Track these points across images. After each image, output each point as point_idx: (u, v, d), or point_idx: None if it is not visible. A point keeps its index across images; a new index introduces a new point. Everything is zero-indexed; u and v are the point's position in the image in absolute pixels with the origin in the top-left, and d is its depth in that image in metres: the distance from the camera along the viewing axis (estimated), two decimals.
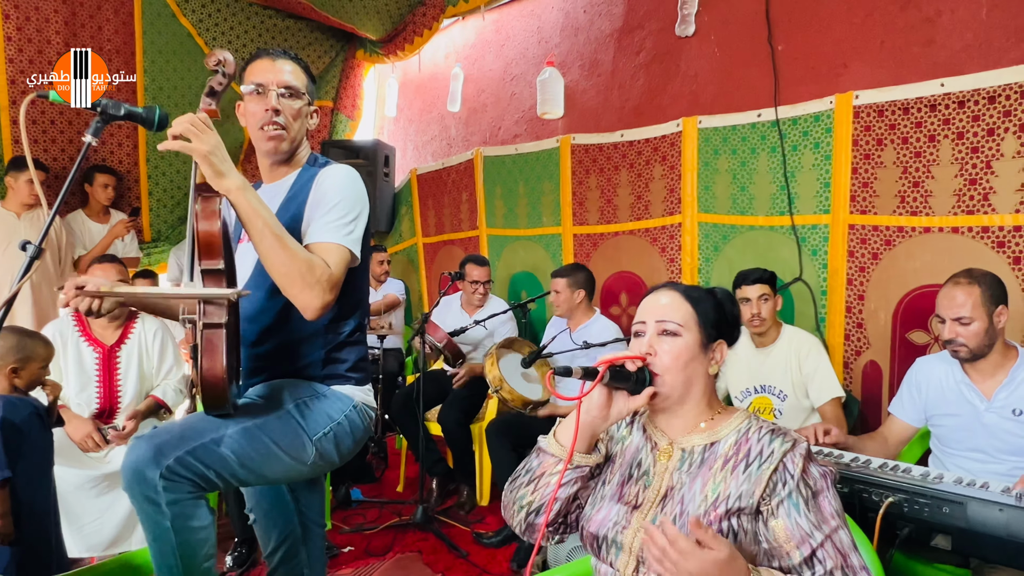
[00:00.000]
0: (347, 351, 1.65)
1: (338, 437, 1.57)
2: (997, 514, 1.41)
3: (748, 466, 1.15)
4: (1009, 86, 2.42)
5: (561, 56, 4.28)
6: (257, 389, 1.58)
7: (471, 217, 4.77)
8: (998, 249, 2.48)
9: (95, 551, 2.42)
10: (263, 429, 1.44)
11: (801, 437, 1.17)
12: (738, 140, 3.26)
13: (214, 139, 1.34)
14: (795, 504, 1.10)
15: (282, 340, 1.59)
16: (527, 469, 1.27)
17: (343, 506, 3.45)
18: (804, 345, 2.58)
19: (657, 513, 1.17)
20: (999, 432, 1.96)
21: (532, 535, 1.27)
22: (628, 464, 1.28)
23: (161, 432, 1.37)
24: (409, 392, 3.52)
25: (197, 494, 1.36)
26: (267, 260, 1.38)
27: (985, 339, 1.94)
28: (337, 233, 1.49)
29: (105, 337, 2.78)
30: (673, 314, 1.24)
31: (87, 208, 4.15)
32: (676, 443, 1.24)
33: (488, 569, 2.77)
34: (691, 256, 3.47)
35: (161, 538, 1.35)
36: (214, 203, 1.34)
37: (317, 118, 1.68)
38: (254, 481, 1.52)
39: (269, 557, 1.75)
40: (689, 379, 1.22)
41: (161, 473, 1.29)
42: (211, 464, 1.35)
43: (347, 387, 1.63)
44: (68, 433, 2.56)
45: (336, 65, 5.54)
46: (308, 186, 1.58)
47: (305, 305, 1.41)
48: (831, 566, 1.07)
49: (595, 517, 1.23)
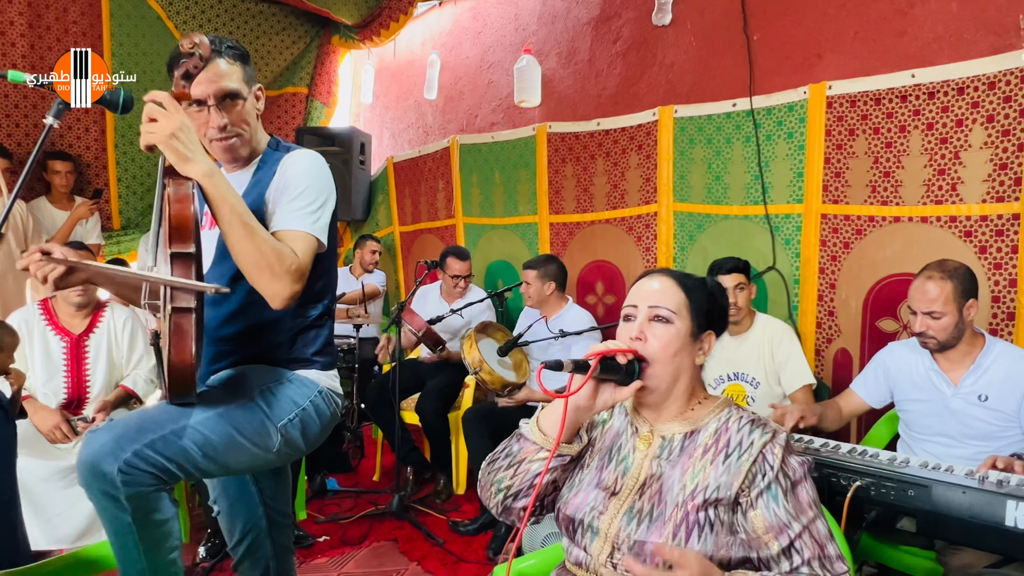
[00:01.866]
0: (313, 335, 1.62)
1: (304, 423, 1.54)
2: (960, 496, 1.44)
3: (728, 456, 1.15)
4: (977, 78, 2.46)
5: (538, 44, 4.26)
6: (220, 376, 1.55)
7: (448, 206, 4.74)
8: (965, 238, 2.52)
9: (63, 543, 2.38)
10: (226, 418, 1.41)
11: (781, 428, 1.18)
12: (713, 129, 3.27)
13: (178, 121, 1.28)
14: (774, 495, 1.11)
15: (246, 325, 1.56)
16: (507, 453, 1.26)
17: (318, 496, 3.44)
18: (777, 333, 2.61)
19: (635, 501, 1.17)
20: (965, 418, 2.01)
21: (508, 517, 1.27)
22: (608, 449, 1.28)
23: (118, 425, 1.32)
24: (384, 381, 3.51)
25: (158, 487, 1.31)
26: (235, 248, 1.35)
27: (954, 332, 1.98)
28: (304, 221, 1.46)
29: (73, 326, 2.73)
30: (667, 300, 1.22)
31: (50, 195, 4.05)
32: (656, 430, 1.24)
33: (464, 557, 2.77)
34: (666, 245, 3.49)
35: (122, 533, 1.31)
36: (186, 186, 1.30)
37: (263, 98, 1.62)
38: (218, 472, 1.48)
39: (234, 549, 1.73)
40: (677, 370, 1.21)
41: (119, 467, 1.25)
42: (172, 456, 1.31)
43: (312, 372, 1.60)
44: (35, 424, 2.51)
45: (311, 51, 5.45)
46: (272, 170, 1.54)
47: (273, 295, 1.38)
48: (808, 556, 1.09)
49: (572, 500, 1.23)
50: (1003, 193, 2.42)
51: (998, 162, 2.43)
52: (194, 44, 1.35)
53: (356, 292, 4.29)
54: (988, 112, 2.45)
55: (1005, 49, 2.41)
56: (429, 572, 2.67)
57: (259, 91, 1.61)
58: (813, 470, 1.18)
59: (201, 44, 1.35)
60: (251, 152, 1.60)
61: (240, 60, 1.55)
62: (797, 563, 1.09)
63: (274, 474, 1.74)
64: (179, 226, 1.28)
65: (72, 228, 3.97)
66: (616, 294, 3.82)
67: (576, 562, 1.21)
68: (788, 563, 1.09)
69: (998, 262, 2.45)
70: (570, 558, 1.24)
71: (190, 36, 1.35)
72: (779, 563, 1.09)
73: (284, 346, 1.58)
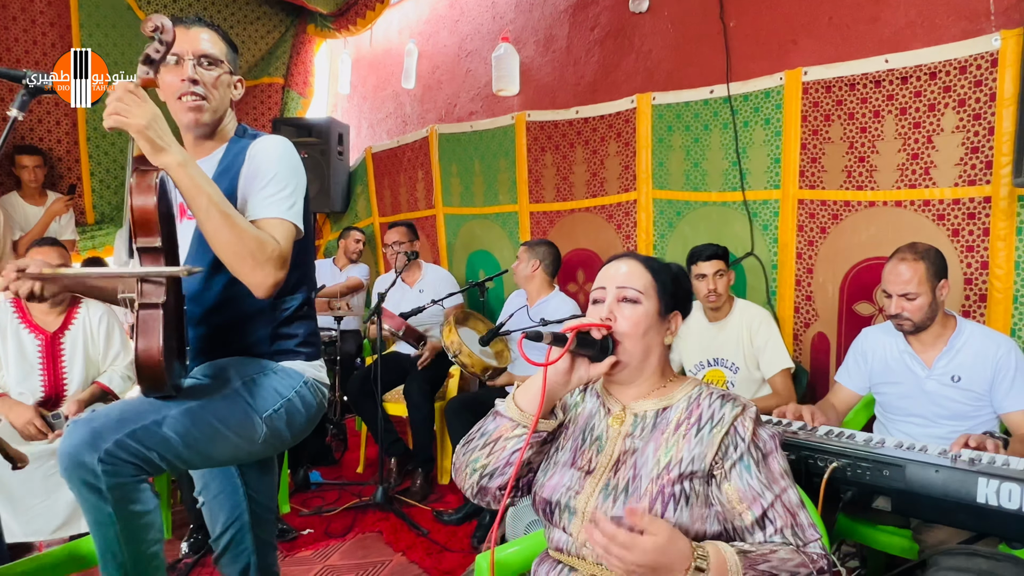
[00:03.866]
0: (295, 326, 1.61)
1: (289, 414, 1.54)
2: (933, 475, 1.47)
3: (700, 430, 1.17)
4: (949, 62, 2.49)
5: (516, 32, 4.23)
6: (203, 368, 1.54)
7: (427, 196, 4.72)
8: (938, 222, 2.56)
9: (42, 535, 2.36)
10: (208, 409, 1.40)
11: (751, 402, 1.20)
12: (691, 116, 3.28)
13: (150, 111, 1.26)
14: (747, 466, 1.14)
15: (226, 319, 1.54)
16: (482, 432, 1.26)
17: (302, 489, 3.42)
18: (755, 318, 2.64)
19: (610, 478, 1.18)
20: (938, 398, 2.05)
21: (484, 498, 1.27)
22: (581, 430, 1.29)
23: (99, 415, 1.31)
24: (366, 374, 3.50)
25: (140, 477, 1.30)
26: (214, 239, 1.32)
27: (929, 313, 2.01)
28: (280, 207, 1.44)
29: (47, 323, 2.68)
30: (634, 281, 1.25)
31: (21, 191, 3.97)
32: (629, 408, 1.26)
33: (449, 546, 2.78)
34: (646, 232, 3.51)
35: (103, 523, 1.30)
36: (150, 177, 1.26)
37: (241, 88, 1.60)
38: (202, 463, 1.48)
39: (215, 541, 1.72)
40: (648, 347, 1.24)
41: (100, 457, 1.24)
42: (153, 446, 1.30)
43: (297, 363, 1.60)
44: (10, 421, 2.48)
45: (286, 40, 5.38)
46: (240, 158, 1.52)
47: (257, 284, 1.36)
48: (780, 524, 1.11)
49: (548, 483, 1.24)
50: (975, 177, 2.46)
51: (969, 146, 2.47)
52: (156, 28, 1.28)
53: (338, 285, 4.27)
54: (960, 96, 2.48)
55: (976, 34, 2.44)
56: (414, 562, 2.68)
57: (239, 82, 1.60)
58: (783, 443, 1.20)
59: (164, 28, 1.29)
60: (215, 127, 1.57)
61: (223, 38, 1.56)
62: (770, 532, 1.11)
63: (260, 467, 1.73)
64: (142, 219, 1.25)
65: (47, 225, 3.90)
66: None
67: (557, 547, 1.22)
68: (762, 533, 1.12)
69: (970, 245, 2.49)
70: (551, 544, 1.25)
71: (151, 19, 1.28)
72: (753, 533, 1.12)
73: (267, 339, 1.57)
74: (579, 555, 1.18)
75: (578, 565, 1.18)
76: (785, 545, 1.10)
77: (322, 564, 2.67)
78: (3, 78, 1.32)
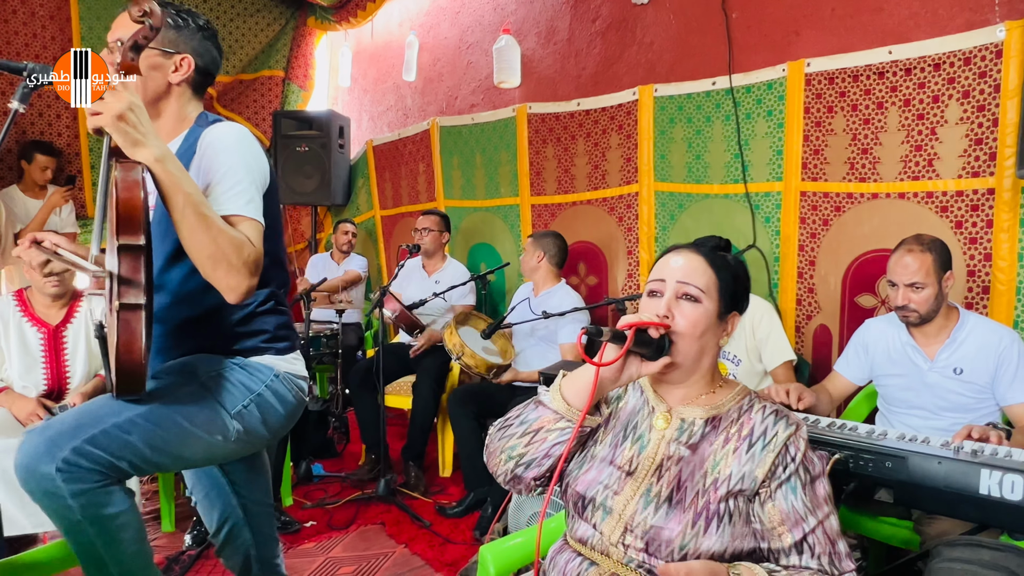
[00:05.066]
0: (260, 321, 1.54)
1: (262, 409, 1.48)
2: (936, 467, 1.47)
3: (751, 447, 1.13)
4: (953, 53, 2.47)
5: (517, 24, 4.21)
6: (167, 366, 1.47)
7: (428, 189, 4.71)
8: (941, 214, 2.55)
9: (46, 526, 2.36)
10: (173, 408, 1.34)
11: (802, 421, 1.16)
12: (693, 108, 3.27)
13: (126, 101, 1.18)
14: (793, 488, 1.09)
15: (187, 314, 1.48)
16: (521, 419, 1.21)
17: (304, 481, 3.43)
18: (757, 311, 2.63)
19: (652, 483, 1.14)
20: (940, 391, 2.05)
21: (516, 486, 1.22)
22: (623, 425, 1.24)
23: (54, 423, 1.26)
24: (368, 366, 3.50)
25: (105, 482, 1.24)
26: (189, 240, 1.25)
27: (934, 304, 2.01)
28: (238, 202, 1.35)
29: (49, 317, 2.69)
30: (696, 278, 1.19)
31: (22, 184, 3.97)
32: (675, 411, 1.21)
33: (452, 538, 2.79)
34: (648, 225, 3.50)
35: (75, 531, 1.25)
36: (136, 170, 1.20)
37: (186, 67, 1.48)
38: (173, 465, 1.41)
39: (214, 536, 1.71)
40: (703, 349, 1.18)
41: (57, 467, 1.18)
42: (115, 451, 1.24)
43: (267, 357, 1.54)
44: (14, 414, 2.49)
45: (286, 33, 5.37)
46: (193, 148, 1.44)
47: (229, 288, 1.29)
48: (819, 551, 1.08)
49: (584, 477, 1.20)
50: (978, 168, 2.45)
51: (973, 137, 2.46)
52: (144, 12, 1.22)
53: (337, 279, 4.27)
54: (964, 88, 2.47)
55: (980, 25, 2.43)
56: (416, 554, 2.69)
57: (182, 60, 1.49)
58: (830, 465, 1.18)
59: (152, 12, 1.23)
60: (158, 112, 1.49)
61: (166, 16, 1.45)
62: (807, 558, 1.08)
63: (246, 464, 1.69)
64: (128, 216, 1.17)
65: (47, 217, 3.90)
66: (598, 275, 3.83)
67: (580, 539, 1.19)
68: (799, 557, 1.08)
69: (973, 236, 2.49)
70: (574, 534, 1.21)
71: (139, 2, 1.21)
72: (789, 556, 1.09)
73: (230, 336, 1.51)
74: (603, 552, 1.15)
75: (601, 561, 1.15)
76: (820, 573, 1.07)
77: (325, 556, 2.68)
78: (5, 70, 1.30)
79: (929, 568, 1.26)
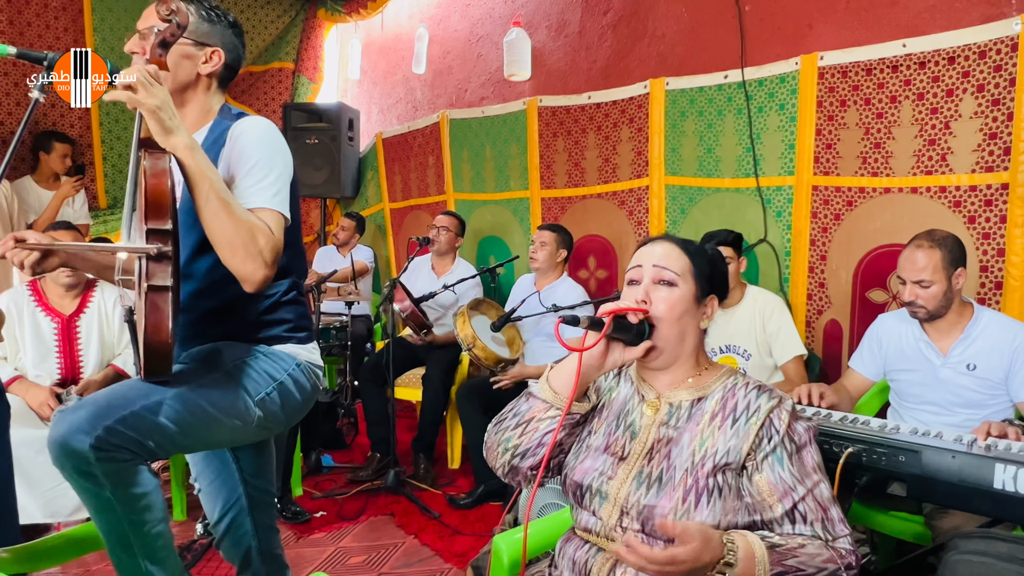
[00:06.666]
0: (284, 311, 1.58)
1: (283, 397, 1.52)
2: (950, 460, 1.47)
3: (735, 421, 1.17)
4: (968, 46, 2.46)
5: (528, 16, 4.20)
6: (193, 352, 1.51)
7: (438, 181, 4.71)
8: (954, 209, 2.54)
9: (59, 516, 2.39)
10: (200, 393, 1.37)
11: (786, 394, 1.19)
12: (705, 102, 3.26)
13: (163, 94, 1.25)
14: (779, 458, 1.13)
15: (214, 303, 1.51)
16: (515, 412, 1.26)
17: (314, 472, 3.45)
18: (768, 305, 2.63)
19: (644, 466, 1.18)
20: (953, 386, 2.04)
21: (515, 478, 1.28)
22: (615, 415, 1.29)
23: (87, 403, 1.29)
24: (378, 361, 3.50)
25: (135, 461, 1.28)
26: (211, 226, 1.30)
27: (943, 301, 2.00)
28: (263, 196, 1.40)
29: (63, 307, 2.71)
30: (671, 263, 1.23)
31: (36, 174, 3.99)
32: (664, 396, 1.25)
33: (461, 529, 2.81)
34: (658, 219, 3.49)
35: (103, 509, 1.29)
36: (164, 159, 1.25)
37: (217, 60, 1.52)
38: (198, 446, 1.45)
39: (215, 527, 1.72)
40: (683, 332, 1.22)
41: (91, 444, 1.21)
42: (146, 432, 1.28)
43: (289, 346, 1.58)
44: (27, 403, 2.51)
45: (296, 25, 5.37)
46: (222, 139, 1.48)
47: (247, 275, 1.33)
48: (811, 518, 1.11)
49: (580, 466, 1.24)
50: (992, 163, 2.44)
51: (988, 132, 2.44)
52: (171, 11, 1.26)
53: (346, 270, 4.28)
54: (979, 82, 2.45)
55: (996, 18, 2.41)
56: (426, 545, 2.70)
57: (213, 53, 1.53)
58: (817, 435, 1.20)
59: (179, 10, 1.27)
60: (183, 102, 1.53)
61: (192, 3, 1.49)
62: (800, 525, 1.11)
63: (255, 451, 1.71)
64: (155, 202, 1.23)
65: (59, 207, 3.92)
66: (608, 268, 3.83)
67: (585, 528, 1.23)
68: (792, 526, 1.12)
69: (987, 232, 2.47)
70: (579, 524, 1.25)
71: (166, 1, 1.26)
72: (782, 525, 1.12)
73: (255, 325, 1.54)
74: (608, 537, 1.18)
75: (606, 546, 1.19)
76: (814, 539, 1.10)
77: (335, 546, 2.69)
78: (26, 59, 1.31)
79: (945, 561, 1.26)
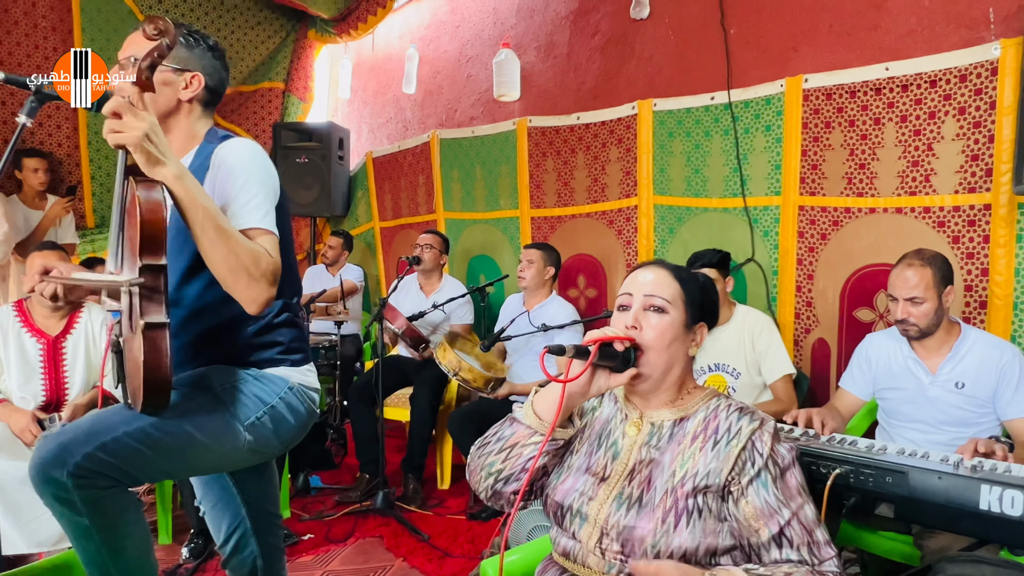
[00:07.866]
0: (276, 333, 1.56)
1: (275, 421, 1.49)
2: (936, 482, 1.47)
3: (716, 443, 1.16)
4: (949, 70, 2.50)
5: (517, 38, 4.25)
6: (181, 378, 1.48)
7: (428, 201, 4.73)
8: (938, 229, 2.57)
9: (44, 546, 2.34)
10: (185, 419, 1.36)
11: (768, 416, 1.19)
12: (692, 123, 3.29)
13: (148, 121, 1.21)
14: (764, 483, 1.12)
15: (201, 329, 1.50)
16: (498, 436, 1.26)
17: (302, 494, 3.42)
18: (757, 324, 2.64)
19: (625, 487, 1.18)
20: (942, 404, 2.05)
21: (497, 501, 1.27)
22: (597, 435, 1.28)
23: (68, 429, 1.27)
24: (367, 380, 3.49)
25: (117, 488, 1.27)
26: (209, 254, 1.28)
27: (934, 318, 2.02)
28: (256, 215, 1.39)
29: (49, 328, 2.68)
30: (662, 290, 1.23)
31: (22, 194, 3.96)
32: (646, 416, 1.25)
33: (450, 551, 2.78)
34: (647, 238, 3.52)
35: (83, 536, 1.27)
36: (157, 190, 1.22)
37: (196, 85, 1.51)
38: (183, 474, 1.44)
39: (221, 548, 1.71)
40: (671, 359, 1.22)
41: (69, 472, 1.20)
42: (126, 459, 1.26)
43: (282, 369, 1.55)
44: (9, 427, 2.47)
45: (287, 45, 5.39)
46: (207, 164, 1.47)
47: (251, 299, 1.32)
48: (797, 542, 1.10)
49: (561, 486, 1.24)
50: (975, 184, 2.47)
51: (970, 153, 2.48)
52: (159, 31, 1.23)
53: (335, 290, 4.27)
54: (960, 104, 2.49)
55: (975, 42, 2.45)
56: (415, 568, 2.68)
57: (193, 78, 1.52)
58: (799, 457, 1.19)
59: (167, 30, 1.24)
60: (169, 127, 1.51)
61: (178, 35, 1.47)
62: (787, 549, 1.10)
63: (256, 474, 1.70)
64: (151, 237, 1.19)
65: (47, 229, 3.89)
66: (597, 287, 3.84)
67: (564, 552, 1.22)
68: (779, 551, 1.10)
69: (970, 251, 2.50)
70: (558, 548, 1.24)
71: (154, 20, 1.23)
72: (769, 550, 1.11)
73: (246, 348, 1.52)
74: (584, 563, 1.18)
75: (582, 573, 1.18)
76: (800, 565, 1.09)
77: (323, 569, 2.66)
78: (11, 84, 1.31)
79: None
